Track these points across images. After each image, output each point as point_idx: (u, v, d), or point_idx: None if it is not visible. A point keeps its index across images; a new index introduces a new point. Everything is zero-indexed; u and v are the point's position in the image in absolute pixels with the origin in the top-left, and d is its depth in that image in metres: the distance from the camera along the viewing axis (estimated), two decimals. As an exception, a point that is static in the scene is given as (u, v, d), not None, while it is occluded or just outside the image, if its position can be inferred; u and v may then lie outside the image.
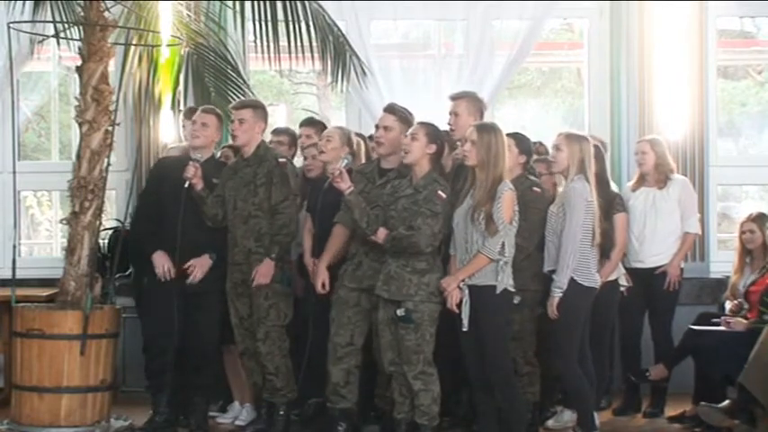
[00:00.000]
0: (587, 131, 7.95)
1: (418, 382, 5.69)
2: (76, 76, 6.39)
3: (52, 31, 6.65)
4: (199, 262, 6.19)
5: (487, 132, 5.56)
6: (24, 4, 6.38)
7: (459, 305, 5.51)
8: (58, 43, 7.57)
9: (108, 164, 6.31)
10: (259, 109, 6.33)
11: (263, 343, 6.14)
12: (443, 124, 6.16)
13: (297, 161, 6.97)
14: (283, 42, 6.59)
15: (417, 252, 5.68)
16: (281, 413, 6.23)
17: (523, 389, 5.96)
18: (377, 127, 6.19)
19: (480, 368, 5.57)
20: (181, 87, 7.27)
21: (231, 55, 7.42)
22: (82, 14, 6.35)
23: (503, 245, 5.46)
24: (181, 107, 7.30)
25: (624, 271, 6.61)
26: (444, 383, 5.81)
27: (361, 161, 6.44)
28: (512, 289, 5.55)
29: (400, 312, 5.66)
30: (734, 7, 8.46)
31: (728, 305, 7.01)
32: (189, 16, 7.17)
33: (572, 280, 5.65)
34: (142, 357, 6.45)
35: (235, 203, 6.21)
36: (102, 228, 6.43)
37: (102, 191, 6.24)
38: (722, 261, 7.65)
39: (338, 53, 6.91)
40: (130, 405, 6.73)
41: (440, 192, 5.72)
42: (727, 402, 6.21)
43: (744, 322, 6.58)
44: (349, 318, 6.00)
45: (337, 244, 6.14)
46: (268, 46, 6.57)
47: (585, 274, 5.71)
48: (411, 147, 5.78)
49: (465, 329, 5.51)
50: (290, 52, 6.62)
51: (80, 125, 6.29)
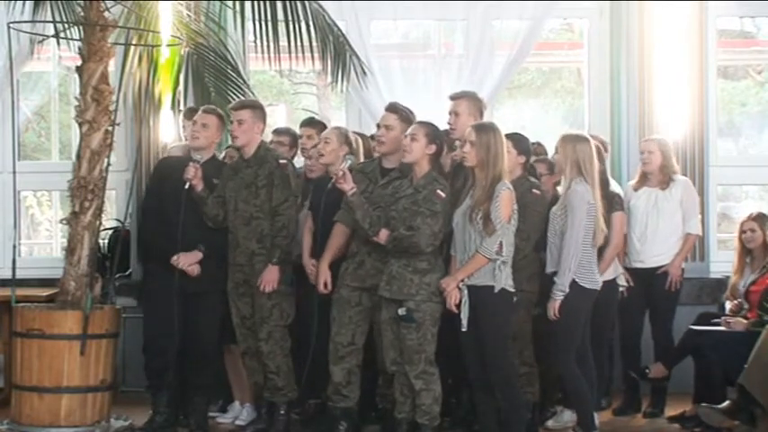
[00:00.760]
0: (587, 131, 7.96)
1: (420, 382, 5.69)
2: (76, 76, 6.39)
3: (52, 31, 6.65)
4: (186, 256, 6.17)
5: (486, 132, 5.56)
6: (24, 4, 6.38)
7: (458, 305, 5.51)
8: (58, 43, 7.56)
9: (108, 164, 6.31)
10: (258, 109, 6.33)
11: (266, 342, 6.14)
12: (443, 124, 6.16)
13: (297, 161, 6.97)
14: (283, 42, 6.59)
15: (418, 252, 5.68)
16: (282, 413, 6.24)
17: (522, 389, 5.95)
18: (378, 126, 6.19)
19: (480, 368, 5.57)
20: (181, 87, 7.26)
21: (231, 55, 7.42)
22: (82, 14, 6.35)
23: (500, 244, 5.45)
24: (181, 107, 7.30)
25: (623, 270, 6.61)
26: (445, 383, 5.81)
27: (360, 159, 6.44)
28: (511, 289, 5.54)
29: (402, 312, 5.66)
30: (734, 7, 8.45)
31: (728, 305, 7.02)
32: (189, 16, 7.17)
33: (573, 282, 5.64)
34: (142, 357, 6.44)
35: (236, 205, 6.21)
36: (102, 228, 6.43)
37: (102, 191, 6.24)
38: (722, 261, 7.64)
39: (338, 53, 6.91)
40: (130, 405, 6.73)
41: (439, 191, 5.72)
42: (727, 403, 6.22)
43: (744, 322, 6.59)
44: (350, 317, 6.00)
45: (337, 243, 6.14)
46: (268, 46, 6.57)
47: (587, 276, 5.70)
48: (411, 147, 5.78)
49: (464, 329, 5.51)
50: (290, 52, 6.63)
51: (80, 125, 6.29)
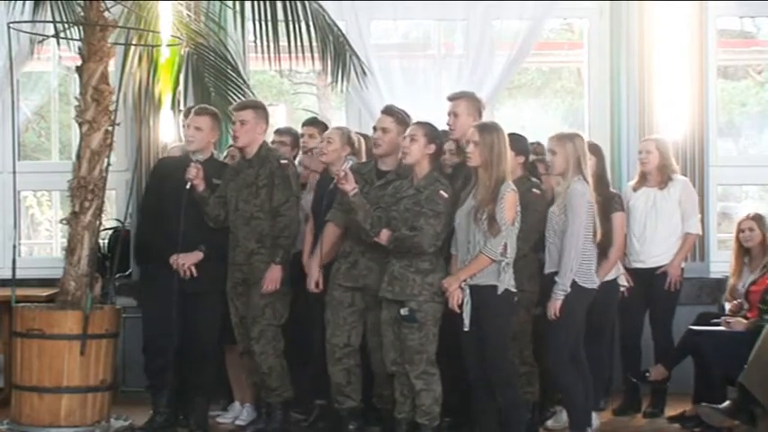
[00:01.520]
0: (587, 131, 7.97)
1: (420, 382, 5.69)
2: (76, 76, 6.39)
3: (52, 31, 6.65)
4: (187, 256, 6.17)
5: (489, 132, 5.55)
6: (24, 4, 6.38)
7: (460, 305, 5.51)
8: (58, 43, 7.56)
9: (108, 164, 6.31)
10: (260, 109, 6.33)
11: (257, 342, 6.13)
12: (443, 124, 6.16)
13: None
14: (283, 42, 6.59)
15: (420, 252, 5.68)
16: (278, 412, 6.23)
17: (522, 389, 5.95)
18: (374, 128, 6.18)
19: (481, 368, 5.57)
20: (181, 87, 7.26)
21: (231, 55, 7.42)
22: (82, 14, 6.35)
23: (505, 246, 5.45)
24: (181, 107, 7.30)
25: (623, 271, 6.61)
26: (445, 384, 5.81)
27: (362, 159, 6.44)
28: (513, 290, 5.55)
29: (404, 311, 5.66)
30: (734, 7, 8.44)
31: (728, 306, 7.02)
32: (189, 16, 7.17)
33: (573, 282, 5.64)
34: (142, 357, 6.44)
35: (236, 204, 6.21)
36: (102, 228, 6.43)
37: (102, 191, 6.24)
38: (722, 261, 7.62)
39: (338, 53, 6.91)
40: (130, 405, 6.73)
41: (441, 191, 5.72)
42: (727, 402, 6.21)
43: (744, 322, 6.59)
44: (344, 318, 6.00)
45: (329, 243, 6.14)
46: (268, 46, 6.57)
47: (586, 276, 5.70)
48: (410, 148, 5.78)
49: (466, 329, 5.51)
50: (290, 52, 6.63)
51: (80, 125, 6.29)
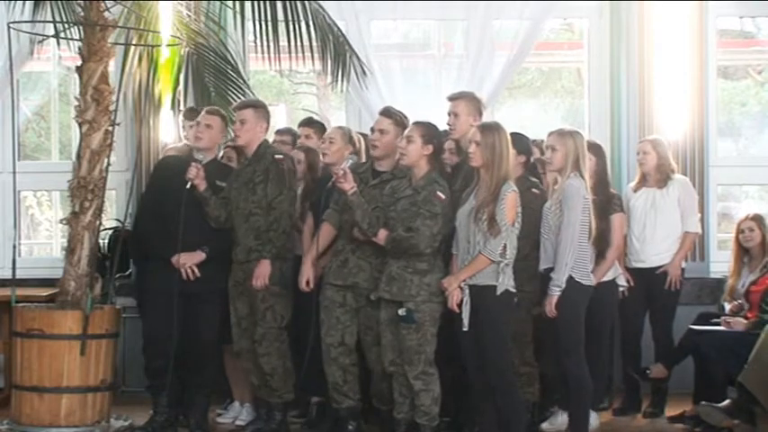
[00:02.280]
0: (587, 131, 7.96)
1: (419, 383, 5.69)
2: (76, 76, 6.40)
3: (52, 31, 6.66)
4: (189, 256, 6.17)
5: (491, 132, 5.53)
6: (24, 4, 6.39)
7: (459, 305, 5.51)
8: (58, 43, 7.57)
9: (108, 164, 6.32)
10: (261, 108, 6.33)
11: (260, 344, 6.15)
12: (443, 124, 6.17)
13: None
14: (283, 42, 6.60)
15: (417, 254, 5.68)
16: (278, 413, 6.23)
17: (522, 389, 5.94)
18: (372, 130, 6.18)
19: (480, 369, 5.56)
20: (181, 87, 7.27)
21: (231, 55, 7.43)
22: (82, 14, 6.36)
23: (504, 247, 5.44)
24: (181, 107, 7.30)
25: (622, 270, 6.60)
26: (444, 384, 5.81)
27: (362, 159, 6.44)
28: (512, 290, 5.53)
29: (402, 312, 5.66)
30: (734, 7, 8.45)
31: (728, 306, 7.02)
32: (189, 16, 7.17)
33: (570, 278, 5.62)
34: (142, 357, 6.44)
35: (237, 203, 6.22)
36: (102, 228, 6.43)
37: (102, 191, 6.25)
38: (722, 261, 7.62)
39: (338, 53, 6.91)
40: (130, 405, 6.73)
41: (439, 193, 5.71)
42: (727, 402, 6.22)
43: (744, 322, 6.59)
44: (338, 318, 6.00)
45: (323, 242, 6.13)
46: (268, 46, 6.58)
47: (583, 272, 5.69)
48: (407, 149, 5.77)
49: (465, 330, 5.50)
50: (290, 52, 6.64)
51: (80, 125, 6.29)
